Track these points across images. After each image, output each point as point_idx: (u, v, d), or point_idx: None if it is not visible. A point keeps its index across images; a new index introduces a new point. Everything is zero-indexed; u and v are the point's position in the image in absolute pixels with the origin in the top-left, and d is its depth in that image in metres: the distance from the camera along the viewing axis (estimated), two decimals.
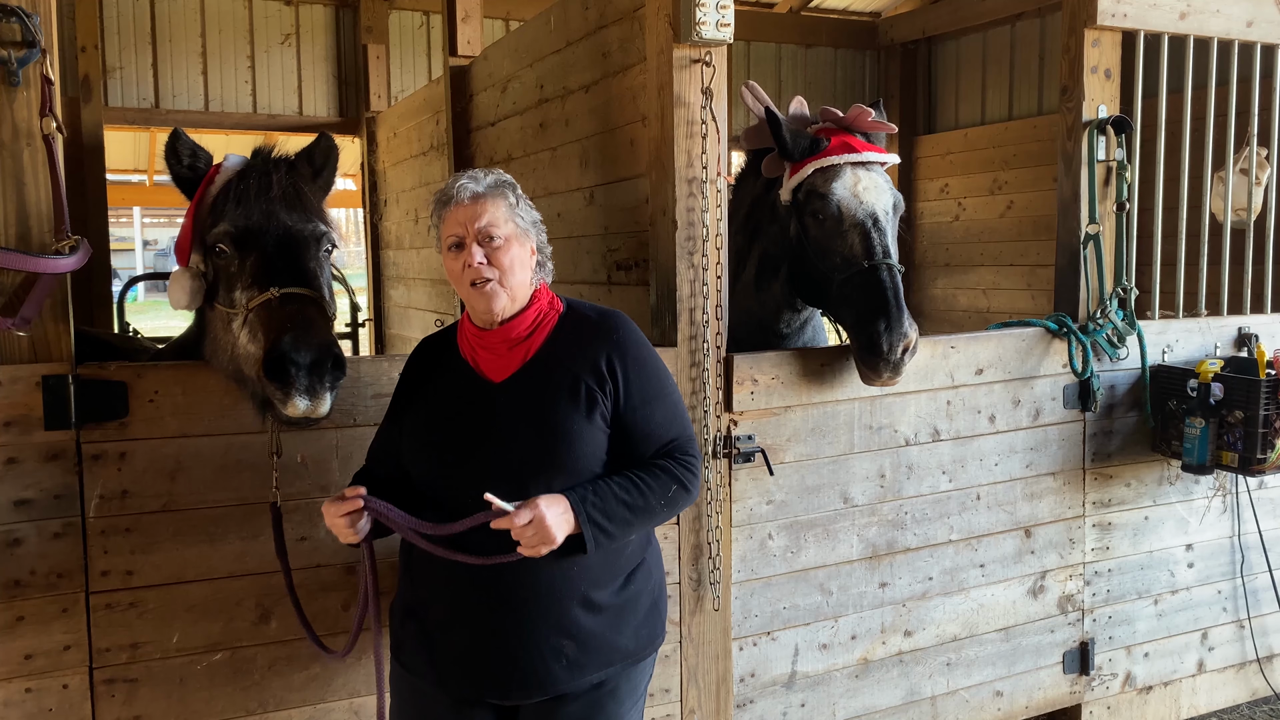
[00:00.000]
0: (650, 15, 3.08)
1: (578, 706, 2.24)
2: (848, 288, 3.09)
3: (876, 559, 3.43)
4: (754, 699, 3.28)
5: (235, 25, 6.57)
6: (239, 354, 2.41)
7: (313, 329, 2.29)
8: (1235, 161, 4.15)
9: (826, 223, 3.13)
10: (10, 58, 2.31)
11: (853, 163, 3.17)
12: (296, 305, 2.34)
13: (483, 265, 2.20)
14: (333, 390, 2.32)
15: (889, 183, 3.23)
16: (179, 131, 2.57)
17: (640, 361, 2.30)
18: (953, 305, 7.28)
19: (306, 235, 2.49)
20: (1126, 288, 3.70)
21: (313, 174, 2.63)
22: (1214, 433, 3.60)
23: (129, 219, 26.63)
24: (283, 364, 2.23)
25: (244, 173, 2.51)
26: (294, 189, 2.53)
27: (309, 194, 2.56)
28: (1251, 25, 3.87)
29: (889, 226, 3.17)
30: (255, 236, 2.44)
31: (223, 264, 2.47)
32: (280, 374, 2.24)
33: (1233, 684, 4.17)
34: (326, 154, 2.68)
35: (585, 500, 2.13)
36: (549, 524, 2.06)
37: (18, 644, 2.44)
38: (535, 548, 2.07)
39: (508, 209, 2.25)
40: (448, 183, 2.30)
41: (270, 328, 2.30)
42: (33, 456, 2.42)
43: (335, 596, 2.73)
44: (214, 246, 2.47)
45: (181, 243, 2.57)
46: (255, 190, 2.47)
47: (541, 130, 4.10)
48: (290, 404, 2.27)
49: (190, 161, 2.58)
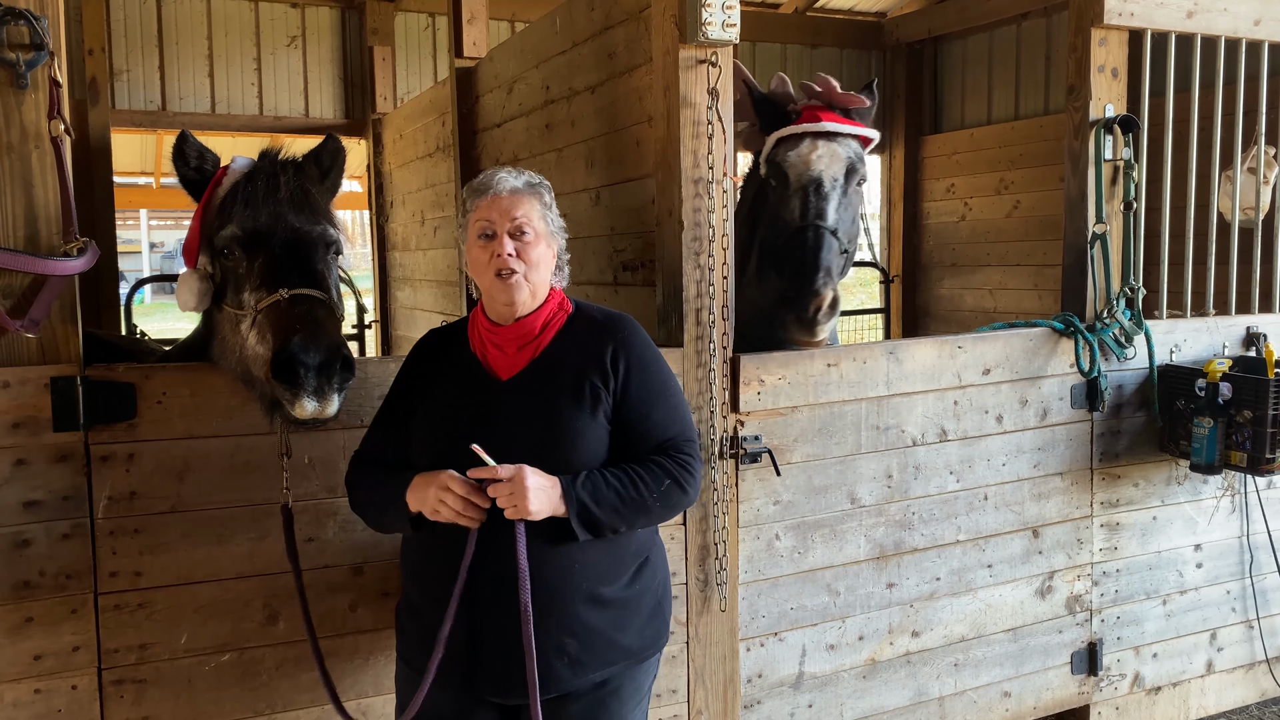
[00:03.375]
0: (656, 16, 3.08)
1: (581, 706, 2.25)
2: (781, 251, 3.10)
3: (884, 559, 3.42)
4: (761, 700, 3.28)
5: (241, 28, 6.57)
6: (247, 355, 2.41)
7: (321, 330, 2.29)
8: (1243, 160, 4.13)
9: (779, 189, 3.18)
10: (18, 60, 2.32)
11: (814, 133, 3.18)
12: (305, 306, 2.34)
13: (511, 257, 2.22)
14: (340, 392, 2.32)
15: (852, 153, 3.24)
16: (186, 134, 2.57)
17: (644, 361, 2.32)
18: (959, 305, 7.26)
19: (315, 237, 2.49)
20: (1134, 287, 3.69)
21: (320, 175, 2.64)
22: (1222, 432, 3.59)
23: (135, 221, 26.67)
24: (291, 365, 2.23)
25: (251, 174, 2.51)
26: (301, 191, 2.52)
27: (316, 196, 2.56)
28: (1259, 23, 3.86)
29: (834, 193, 3.18)
30: (263, 238, 2.44)
31: (231, 265, 2.48)
32: (289, 375, 2.24)
33: (1242, 684, 4.16)
34: (334, 155, 2.68)
35: (575, 481, 2.16)
36: (527, 486, 2.08)
37: (27, 645, 2.44)
38: (509, 510, 2.09)
39: (541, 208, 2.30)
40: (484, 174, 2.33)
41: (279, 329, 2.30)
42: (41, 458, 2.43)
43: (343, 597, 2.73)
44: (222, 249, 2.47)
45: (189, 244, 2.58)
46: (263, 192, 2.47)
47: (547, 131, 4.10)
48: (299, 405, 2.27)
49: (198, 164, 2.58)
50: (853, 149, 3.33)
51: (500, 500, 2.10)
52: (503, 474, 2.09)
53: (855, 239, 3.44)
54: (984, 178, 7.03)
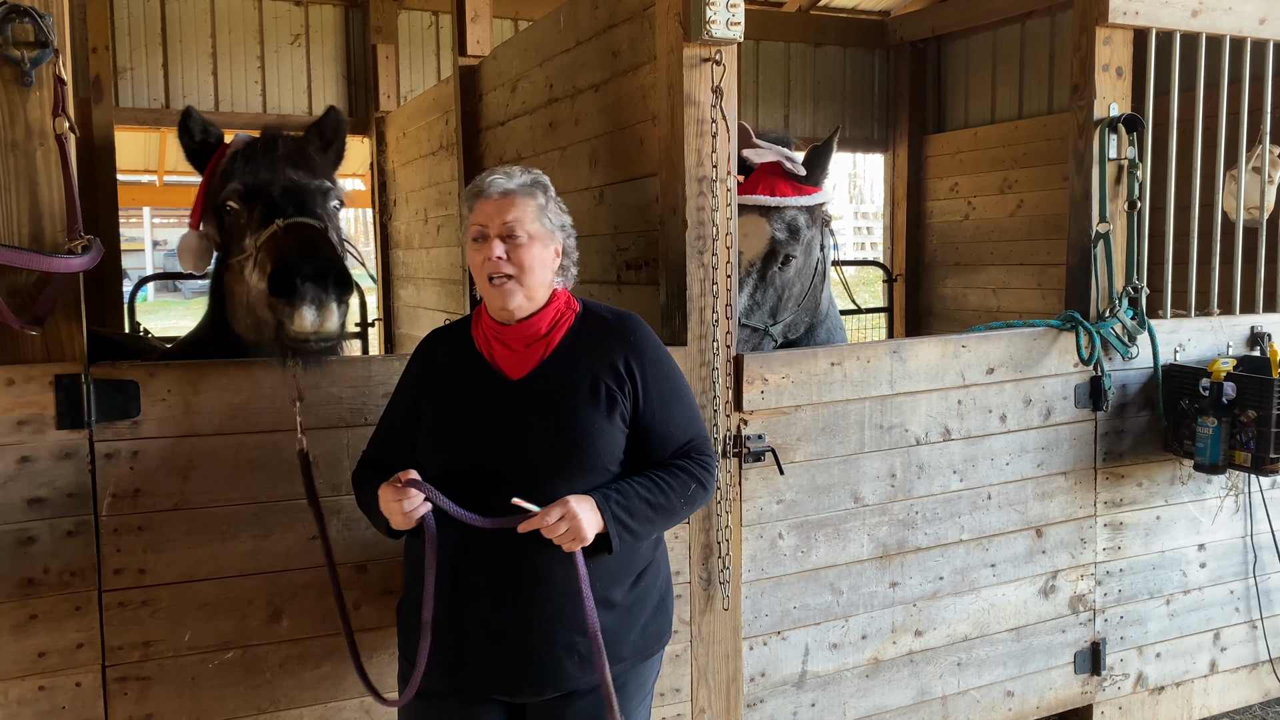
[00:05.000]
0: (660, 14, 3.07)
1: (587, 703, 2.25)
2: None
3: (887, 558, 3.42)
4: (764, 698, 3.28)
5: (245, 25, 6.58)
6: (252, 298, 2.45)
7: (317, 247, 2.33)
8: (1248, 159, 4.12)
9: None
10: (23, 58, 2.32)
11: (743, 205, 3.32)
12: (302, 230, 2.38)
13: (501, 260, 2.21)
14: (340, 304, 2.33)
15: (784, 224, 3.39)
16: (191, 109, 2.69)
17: (657, 364, 2.32)
18: (963, 304, 7.26)
19: (313, 188, 2.56)
20: (1137, 287, 3.68)
21: (323, 145, 2.71)
22: (1226, 432, 3.58)
23: (139, 219, 26.69)
24: (287, 275, 2.25)
25: (252, 142, 2.61)
26: (300, 152, 2.62)
27: (315, 156, 2.65)
28: (1264, 23, 3.85)
29: (748, 280, 3.34)
30: (262, 189, 2.51)
31: (232, 220, 2.55)
32: (285, 286, 2.26)
33: (1245, 684, 4.15)
34: (335, 126, 2.74)
35: (609, 499, 2.15)
36: (581, 520, 2.08)
37: (31, 642, 2.44)
38: (568, 545, 2.09)
39: (536, 209, 2.26)
40: (482, 175, 2.32)
41: (275, 253, 2.34)
42: (46, 455, 2.43)
43: (347, 595, 2.72)
44: (224, 204, 2.55)
45: (194, 210, 2.67)
46: (263, 153, 2.56)
47: (551, 129, 4.10)
48: (298, 316, 2.28)
49: (202, 136, 2.69)
50: (787, 217, 3.40)
51: (561, 541, 2.09)
52: (552, 519, 2.08)
53: (804, 285, 3.55)
54: (988, 177, 7.02)
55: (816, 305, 3.65)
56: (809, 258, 3.54)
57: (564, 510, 2.08)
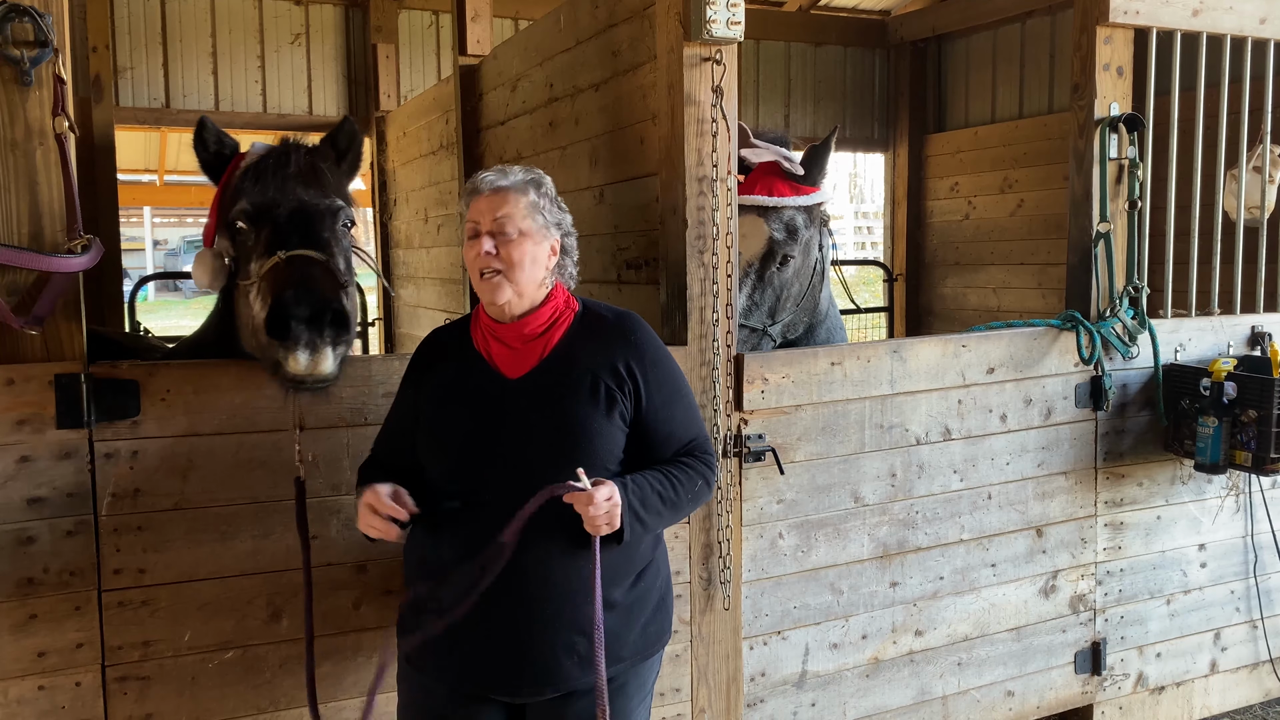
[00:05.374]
0: (660, 13, 3.07)
1: (586, 703, 2.24)
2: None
3: (887, 558, 3.42)
4: (764, 698, 3.27)
5: (245, 25, 6.57)
6: (255, 324, 2.43)
7: (314, 286, 2.29)
8: (1249, 159, 4.12)
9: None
10: (23, 57, 2.32)
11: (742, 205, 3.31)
12: (301, 265, 2.35)
13: (490, 256, 2.21)
14: (335, 346, 2.32)
15: (782, 224, 3.38)
16: (205, 119, 2.66)
17: (658, 364, 2.32)
18: (963, 304, 7.25)
19: (321, 209, 2.52)
20: (1138, 286, 3.68)
21: (337, 157, 2.68)
22: (1227, 432, 3.58)
23: (139, 219, 26.67)
24: (282, 319, 2.24)
25: (265, 156, 2.57)
26: (312, 168, 2.57)
27: (327, 172, 2.60)
28: (1265, 22, 3.85)
29: (746, 280, 3.34)
30: (269, 210, 2.48)
31: (241, 240, 2.52)
32: (279, 329, 2.25)
33: (1246, 684, 4.15)
34: (350, 137, 2.72)
35: (626, 489, 2.15)
36: (618, 504, 2.09)
37: (31, 642, 2.44)
38: (600, 527, 2.09)
39: (528, 205, 2.26)
40: (478, 173, 2.33)
41: (274, 288, 2.32)
42: (45, 455, 2.43)
43: (346, 595, 2.73)
44: (234, 224, 2.52)
45: (208, 227, 2.64)
46: (273, 169, 2.52)
47: (551, 129, 4.10)
48: (292, 359, 2.27)
49: (216, 148, 2.65)
50: (785, 217, 3.40)
51: (592, 521, 2.08)
52: (601, 497, 2.07)
53: (803, 285, 3.55)
54: (988, 176, 7.02)
55: (815, 305, 3.65)
56: (807, 258, 3.54)
57: (611, 492, 2.08)
